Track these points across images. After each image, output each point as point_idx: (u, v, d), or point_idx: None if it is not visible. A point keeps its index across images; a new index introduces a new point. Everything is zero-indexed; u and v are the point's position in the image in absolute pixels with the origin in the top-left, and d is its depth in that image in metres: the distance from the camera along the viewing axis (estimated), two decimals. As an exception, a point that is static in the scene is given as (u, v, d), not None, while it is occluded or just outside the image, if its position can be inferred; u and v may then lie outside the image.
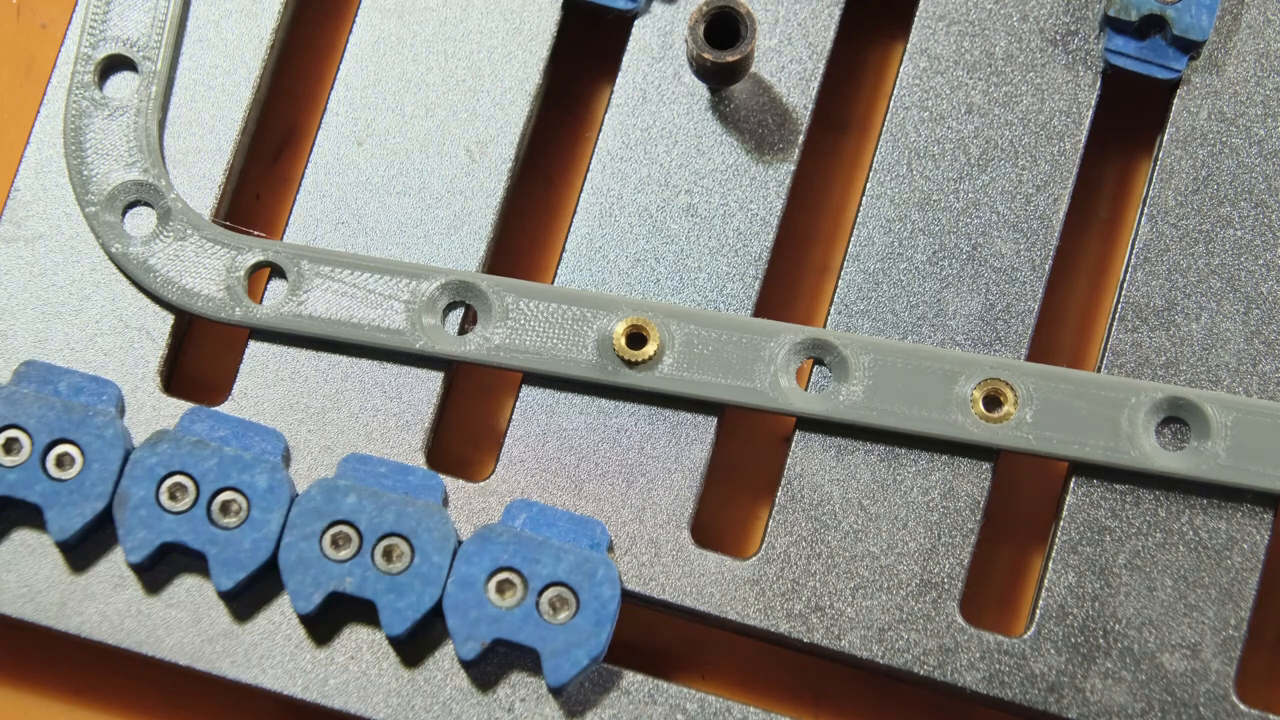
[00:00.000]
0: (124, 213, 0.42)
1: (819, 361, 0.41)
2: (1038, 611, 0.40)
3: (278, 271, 0.41)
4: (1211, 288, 0.41)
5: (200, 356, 0.44)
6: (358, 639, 0.40)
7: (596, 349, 0.41)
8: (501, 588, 0.39)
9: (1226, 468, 0.40)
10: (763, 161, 0.42)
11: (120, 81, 0.43)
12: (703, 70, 0.41)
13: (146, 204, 0.42)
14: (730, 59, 0.40)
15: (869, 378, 0.40)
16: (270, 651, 0.40)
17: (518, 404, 0.41)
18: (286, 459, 0.41)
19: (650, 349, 0.40)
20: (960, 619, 0.40)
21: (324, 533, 0.39)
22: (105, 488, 0.39)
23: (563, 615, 0.39)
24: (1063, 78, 0.42)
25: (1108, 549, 0.40)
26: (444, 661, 0.40)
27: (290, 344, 0.42)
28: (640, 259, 0.42)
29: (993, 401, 0.40)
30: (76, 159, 0.42)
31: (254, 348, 0.42)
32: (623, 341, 0.41)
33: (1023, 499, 0.43)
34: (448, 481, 0.41)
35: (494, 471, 0.41)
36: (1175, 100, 0.42)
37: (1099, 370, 0.41)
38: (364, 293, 0.41)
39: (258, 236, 0.42)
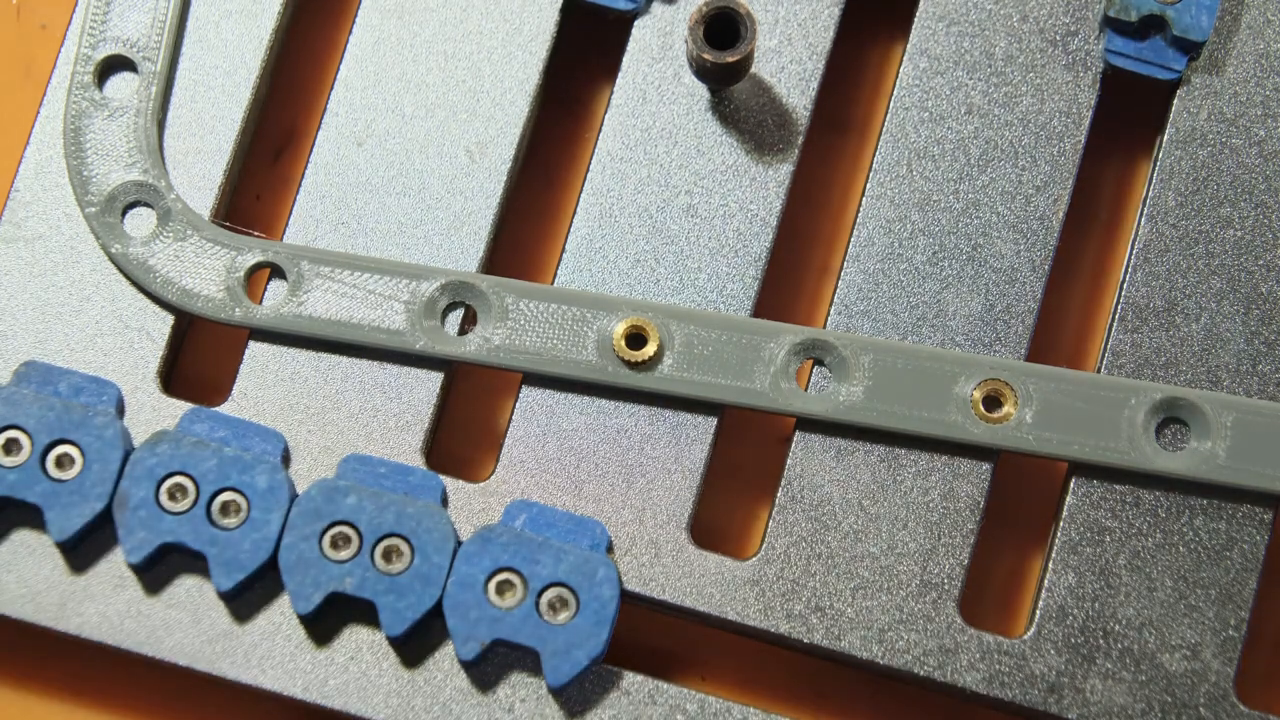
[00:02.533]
0: (124, 213, 0.42)
1: (819, 362, 0.41)
2: (1038, 612, 0.40)
3: (277, 272, 0.41)
4: (1211, 288, 0.41)
5: (200, 356, 0.44)
6: (358, 639, 0.40)
7: (596, 349, 0.41)
8: (501, 588, 0.39)
9: (1226, 468, 0.40)
10: (763, 162, 0.42)
11: (120, 82, 0.43)
12: (703, 71, 0.41)
13: (146, 204, 0.42)
14: (730, 59, 0.40)
15: (869, 378, 0.40)
16: (270, 652, 0.40)
17: (518, 404, 0.41)
18: (286, 459, 0.41)
19: (650, 349, 0.40)
20: (960, 619, 0.40)
21: (324, 533, 0.39)
22: (105, 488, 0.39)
23: (563, 616, 0.39)
24: (1063, 78, 0.42)
25: (1108, 549, 0.40)
26: (444, 661, 0.40)
27: (290, 344, 0.42)
28: (640, 259, 0.42)
29: (993, 402, 0.40)
30: (76, 159, 0.42)
31: (254, 348, 0.42)
32: (622, 342, 0.41)
33: (1023, 499, 0.43)
34: (448, 482, 0.41)
35: (494, 472, 0.41)
36: (1175, 101, 0.42)
37: (1099, 371, 0.41)
38: (364, 293, 0.41)
39: (257, 237, 0.42)
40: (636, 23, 0.43)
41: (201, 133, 0.43)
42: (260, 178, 0.45)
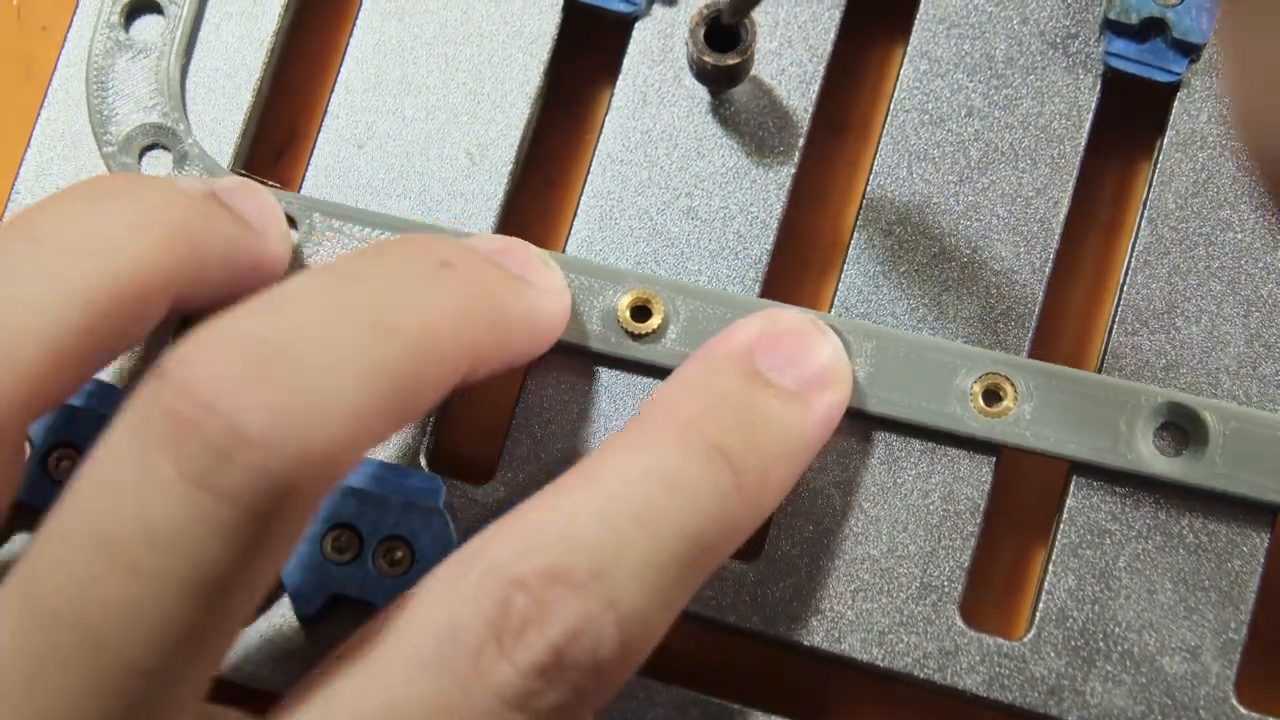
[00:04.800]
0: (141, 155, 0.42)
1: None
2: (1038, 614, 0.40)
3: (290, 223, 0.41)
4: (1212, 291, 0.41)
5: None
6: (358, 641, 0.40)
7: (601, 321, 0.41)
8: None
9: (1222, 476, 0.40)
10: (763, 164, 0.42)
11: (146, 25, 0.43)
12: (703, 73, 0.41)
13: (164, 147, 0.42)
14: (730, 62, 0.40)
15: (870, 365, 0.40)
16: (271, 654, 0.40)
17: (518, 404, 0.41)
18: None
19: (655, 321, 0.40)
20: (960, 622, 0.40)
21: (325, 535, 0.39)
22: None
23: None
24: (1063, 80, 0.42)
25: (1108, 552, 0.40)
26: (444, 664, 0.40)
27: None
28: (641, 261, 0.42)
29: (992, 396, 0.40)
30: (98, 99, 0.42)
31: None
32: (627, 314, 0.41)
33: (1023, 502, 0.43)
34: (448, 484, 0.41)
35: (496, 473, 0.41)
36: (1175, 103, 0.42)
37: (1099, 373, 0.41)
38: None
39: (273, 186, 0.42)
40: (637, 25, 0.43)
41: (203, 135, 0.43)
42: (261, 179, 0.45)
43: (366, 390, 0.32)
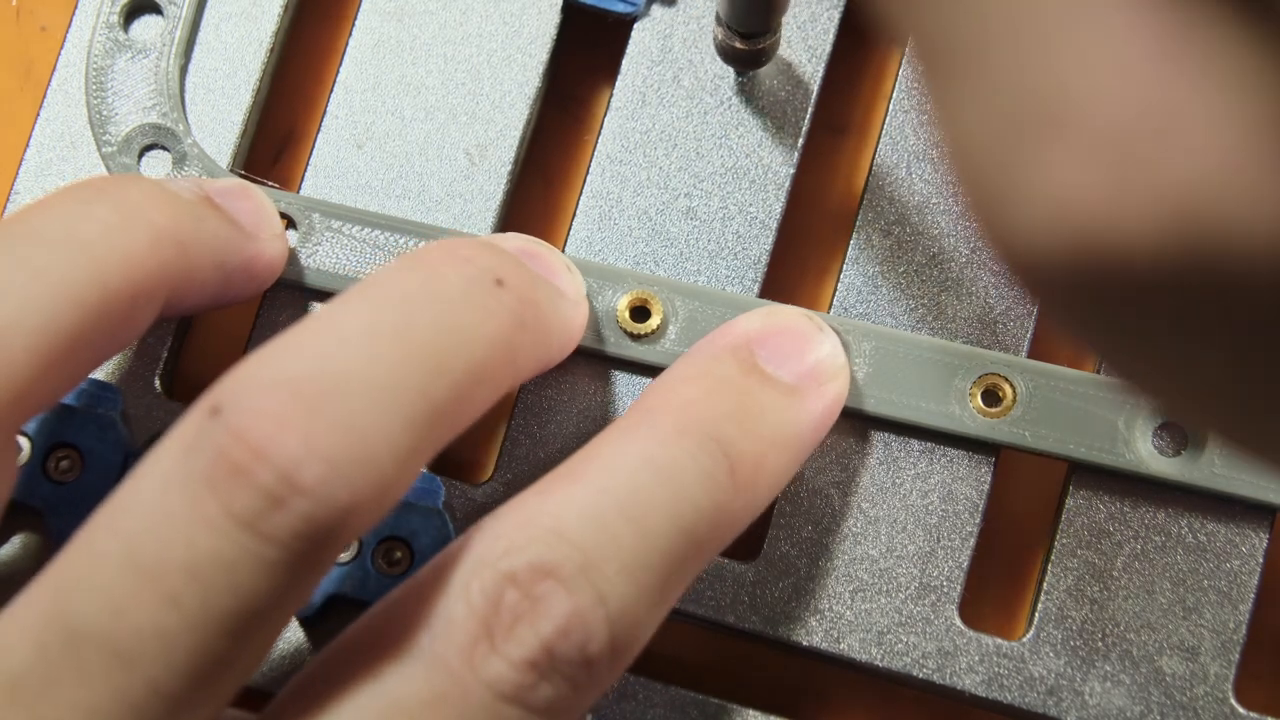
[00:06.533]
0: (140, 156, 0.42)
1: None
2: (1036, 614, 0.40)
3: (290, 223, 0.41)
4: (1210, 291, 0.41)
5: (201, 359, 0.44)
6: (358, 641, 0.40)
7: (600, 321, 0.41)
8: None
9: (1221, 476, 0.40)
10: (762, 165, 0.42)
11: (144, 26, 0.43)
12: (729, 56, 0.40)
13: (163, 148, 0.42)
14: (758, 46, 0.39)
15: (869, 365, 0.40)
16: (270, 654, 0.40)
17: (516, 404, 0.41)
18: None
19: (654, 321, 0.40)
20: (959, 622, 0.40)
21: (324, 536, 0.39)
22: (107, 492, 0.39)
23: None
24: (1062, 81, 0.42)
25: (1107, 552, 0.40)
26: (444, 664, 0.40)
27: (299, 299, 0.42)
28: (640, 262, 0.42)
29: (991, 396, 0.40)
30: (98, 99, 0.42)
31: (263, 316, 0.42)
32: (626, 314, 0.41)
33: (1022, 502, 0.43)
34: (447, 484, 0.41)
35: (494, 473, 0.41)
36: (1174, 103, 0.42)
37: (1098, 373, 0.41)
38: (373, 250, 0.41)
39: (271, 186, 0.42)
40: (636, 25, 0.43)
41: (202, 136, 0.43)
42: (260, 179, 0.45)
43: (418, 431, 0.32)
